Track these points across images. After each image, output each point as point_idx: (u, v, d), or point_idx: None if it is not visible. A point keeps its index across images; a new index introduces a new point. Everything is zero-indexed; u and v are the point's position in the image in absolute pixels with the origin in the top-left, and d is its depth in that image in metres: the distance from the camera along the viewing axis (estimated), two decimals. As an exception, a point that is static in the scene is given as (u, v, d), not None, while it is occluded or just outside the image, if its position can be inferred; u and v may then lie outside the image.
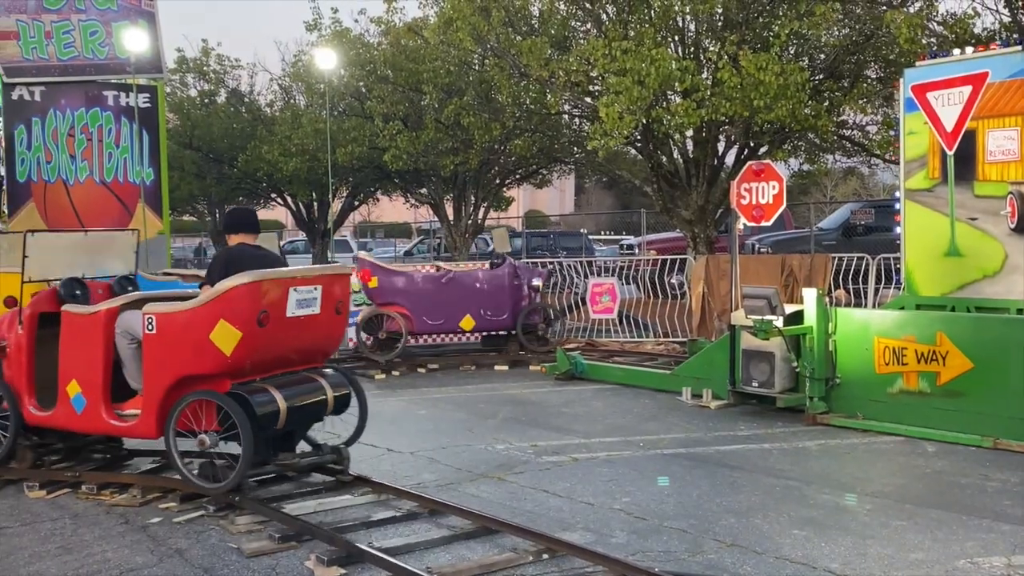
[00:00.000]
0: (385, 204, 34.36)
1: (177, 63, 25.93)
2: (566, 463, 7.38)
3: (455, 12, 15.56)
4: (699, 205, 15.26)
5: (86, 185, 15.86)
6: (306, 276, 6.53)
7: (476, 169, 20.03)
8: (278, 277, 6.31)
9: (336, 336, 7.09)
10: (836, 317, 8.74)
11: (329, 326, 6.80)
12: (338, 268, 7.36)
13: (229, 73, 26.85)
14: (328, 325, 6.77)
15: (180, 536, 5.69)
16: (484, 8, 15.21)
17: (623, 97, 12.68)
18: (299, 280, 6.41)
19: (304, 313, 6.45)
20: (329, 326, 6.80)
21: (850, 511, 6.02)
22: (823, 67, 14.63)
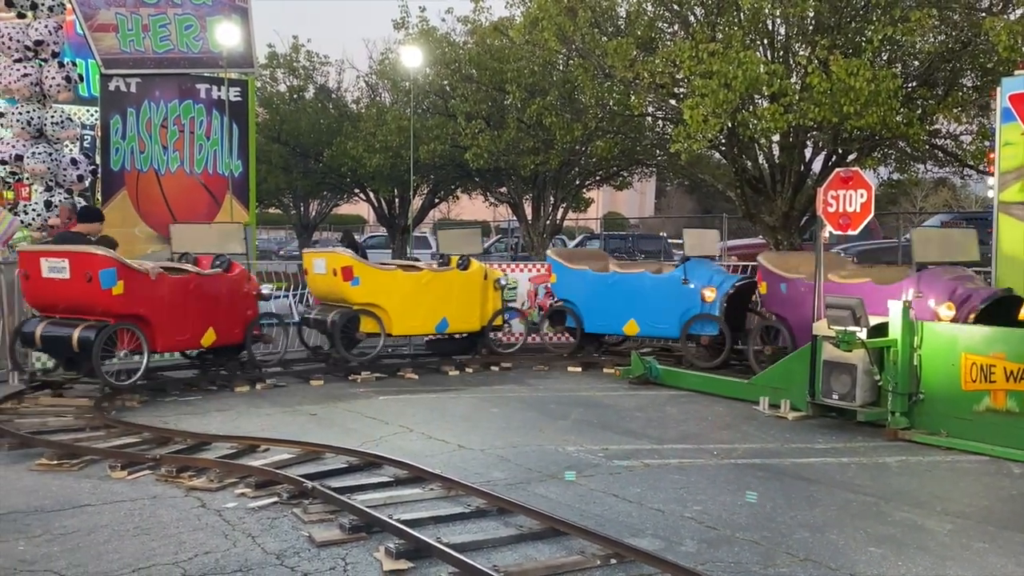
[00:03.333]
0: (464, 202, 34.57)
1: (268, 58, 26.44)
2: (637, 468, 7.31)
3: (541, 12, 15.55)
4: (784, 211, 14.98)
5: (177, 175, 16.27)
6: (55, 251, 9.97)
7: (556, 169, 19.99)
8: (32, 251, 10.20)
9: (88, 298, 9.69)
10: (922, 331, 8.49)
11: (80, 289, 9.66)
12: (80, 248, 9.97)
13: (318, 69, 27.28)
14: (78, 288, 9.66)
15: (254, 522, 5.80)
16: (571, 8, 15.16)
17: (708, 100, 12.51)
18: (48, 253, 9.90)
19: (55, 276, 9.74)
20: (80, 289, 9.66)
21: (929, 530, 5.84)
22: (916, 74, 14.22)
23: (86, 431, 8.29)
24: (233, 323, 11.31)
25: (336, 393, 10.60)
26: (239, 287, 11.52)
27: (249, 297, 11.71)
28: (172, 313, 10.43)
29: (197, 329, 10.79)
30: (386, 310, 12.28)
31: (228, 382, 10.98)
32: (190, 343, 10.93)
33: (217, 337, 11.06)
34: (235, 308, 11.38)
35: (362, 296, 12.17)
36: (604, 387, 11.30)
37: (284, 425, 8.69)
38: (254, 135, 17.61)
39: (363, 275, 12.21)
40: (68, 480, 6.76)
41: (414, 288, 12.56)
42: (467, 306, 12.95)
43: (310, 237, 32.90)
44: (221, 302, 11.13)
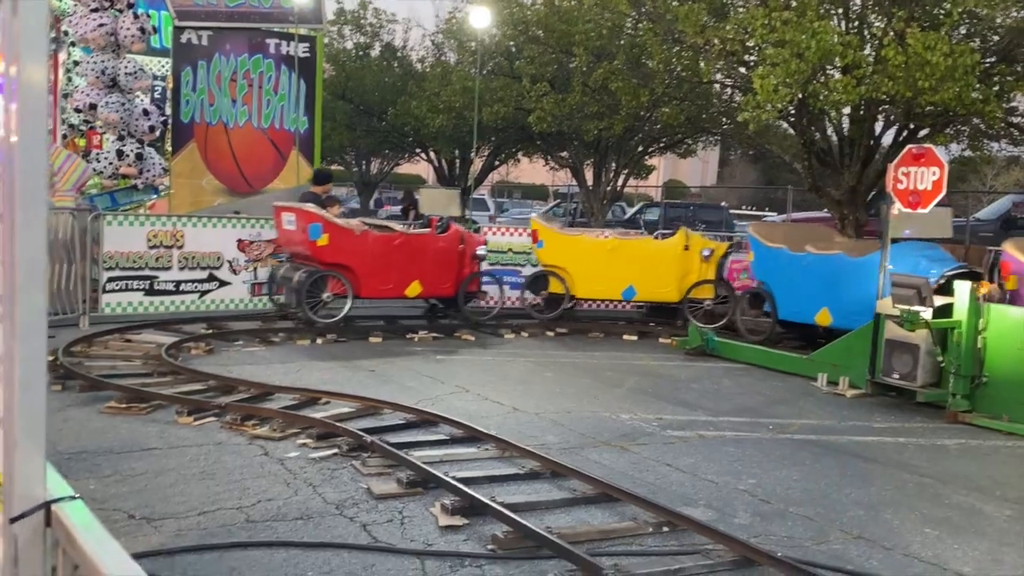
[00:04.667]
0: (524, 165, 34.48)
1: (336, 15, 26.56)
2: (691, 439, 7.33)
3: (612, -26, 15.37)
4: (851, 186, 14.70)
5: (244, 129, 16.48)
6: (290, 207, 11.72)
7: (620, 135, 19.84)
8: (277, 205, 12.03)
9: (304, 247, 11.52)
10: (988, 313, 8.33)
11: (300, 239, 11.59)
12: (300, 205, 11.59)
13: (384, 27, 27.35)
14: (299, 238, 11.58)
15: (314, 472, 5.95)
16: (642, -29, 14.97)
17: (780, 69, 12.27)
18: (286, 208, 11.69)
19: (289, 228, 11.56)
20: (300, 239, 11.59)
21: (987, 515, 5.78)
22: (996, 49, 13.79)
23: (153, 376, 8.53)
24: (443, 278, 12.42)
25: (394, 350, 10.75)
26: (451, 246, 12.51)
27: (464, 256, 12.64)
28: (375, 265, 11.79)
29: (401, 281, 12.06)
30: (570, 273, 13.12)
31: (290, 335, 11.19)
32: (393, 292, 12.16)
33: (423, 289, 12.32)
34: (446, 265, 12.44)
35: (547, 258, 13.27)
36: (660, 357, 11.30)
37: (343, 380, 8.85)
38: (321, 92, 17.74)
39: (547, 239, 13.27)
40: (136, 424, 6.98)
41: (598, 254, 13.19)
42: (661, 276, 13.12)
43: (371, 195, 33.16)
44: (428, 258, 12.27)
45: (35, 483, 1.90)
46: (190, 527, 4.90)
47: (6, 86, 1.86)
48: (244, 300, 12.83)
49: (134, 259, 11.95)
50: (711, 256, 13.21)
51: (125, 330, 10.66)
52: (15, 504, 1.90)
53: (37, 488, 1.91)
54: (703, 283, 13.20)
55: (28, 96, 1.83)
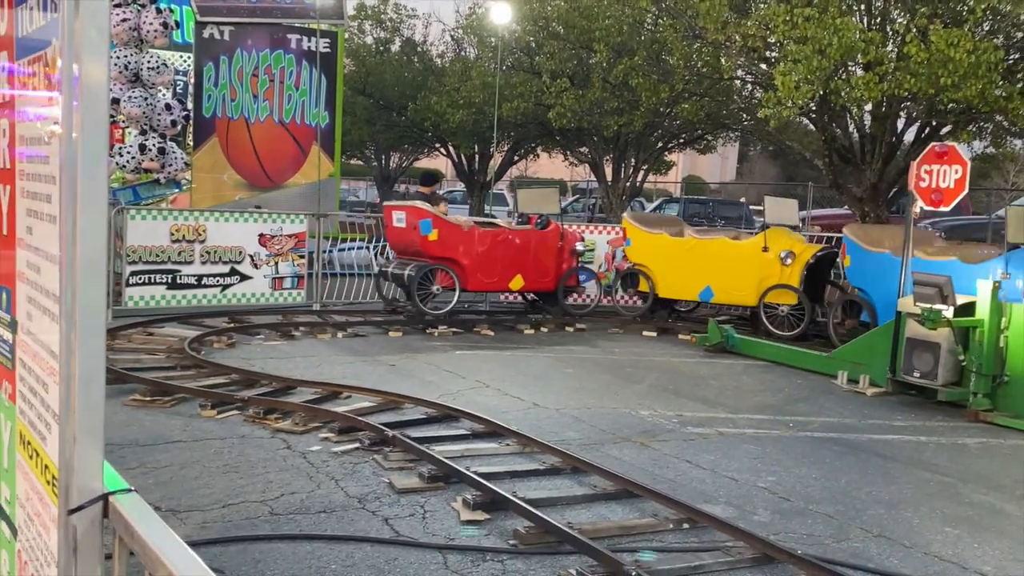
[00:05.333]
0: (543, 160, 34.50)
1: (357, 10, 26.65)
2: (711, 436, 7.34)
3: (633, -29, 15.34)
4: (872, 183, 14.65)
5: (266, 124, 16.58)
6: (398, 206, 12.72)
7: (639, 131, 19.83)
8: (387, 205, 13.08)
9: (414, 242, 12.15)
10: (1011, 312, 8.30)
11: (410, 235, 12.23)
12: (410, 203, 12.65)
13: (405, 22, 27.43)
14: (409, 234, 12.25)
15: (336, 465, 6.01)
16: (663, -33, 14.94)
17: (801, 66, 12.24)
18: (396, 207, 12.61)
19: (399, 225, 12.42)
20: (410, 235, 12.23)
21: (1008, 515, 5.77)
22: (1020, 46, 13.70)
23: (177, 370, 8.62)
24: (543, 273, 13.07)
25: (414, 345, 10.80)
26: (551, 242, 13.12)
27: (563, 252, 13.23)
28: (481, 259, 12.48)
29: (505, 275, 12.75)
30: (653, 272, 13.16)
31: (311, 329, 11.26)
32: (498, 286, 12.96)
33: (525, 283, 12.99)
34: (546, 260, 13.09)
35: (634, 256, 13.39)
36: (679, 353, 11.30)
37: (365, 374, 8.91)
38: (341, 87, 17.83)
39: (634, 237, 13.40)
40: (160, 416, 7.06)
41: (677, 253, 13.03)
42: (737, 277, 12.51)
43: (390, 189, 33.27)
44: (530, 254, 12.91)
45: (94, 476, 1.99)
46: (215, 519, 4.96)
47: (64, 84, 1.90)
48: (265, 294, 12.93)
49: (157, 253, 12.06)
50: (793, 260, 12.10)
51: (148, 323, 10.76)
52: (74, 496, 1.97)
53: (95, 481, 1.99)
54: (780, 287, 12.12)
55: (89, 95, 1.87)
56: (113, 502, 2.02)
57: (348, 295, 13.87)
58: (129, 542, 1.93)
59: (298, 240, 13.11)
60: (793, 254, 12.11)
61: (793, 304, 12.10)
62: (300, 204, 15.47)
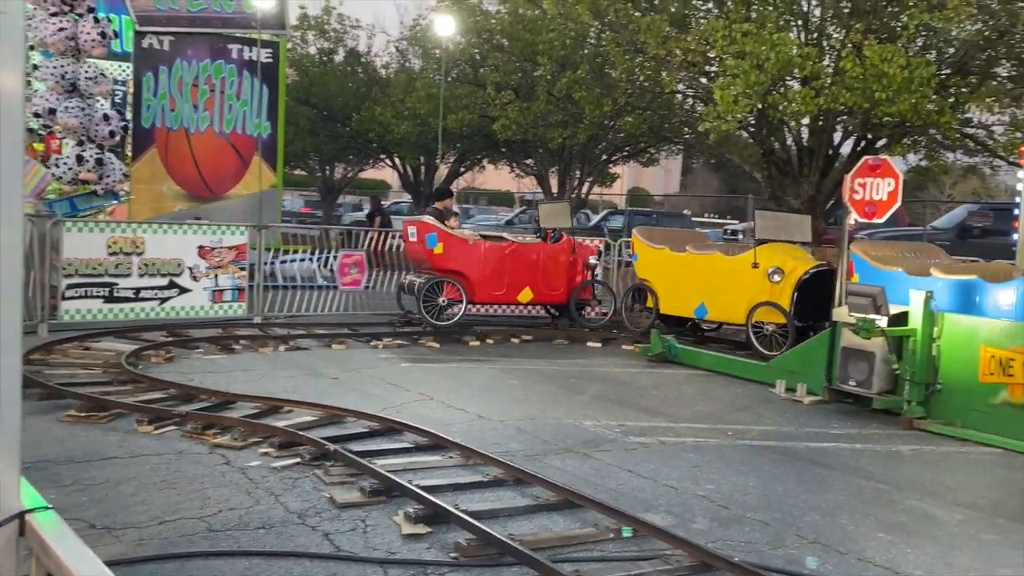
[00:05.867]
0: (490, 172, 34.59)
1: (299, 20, 26.48)
2: (653, 445, 7.41)
3: (576, -15, 15.48)
4: (809, 195, 14.95)
5: (206, 135, 16.41)
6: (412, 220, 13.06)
7: (584, 143, 19.99)
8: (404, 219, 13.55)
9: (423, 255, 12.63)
10: (942, 321, 8.51)
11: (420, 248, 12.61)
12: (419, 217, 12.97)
13: (348, 33, 27.32)
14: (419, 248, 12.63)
15: (276, 481, 5.95)
16: (605, -18, 15.10)
17: (740, 80, 12.46)
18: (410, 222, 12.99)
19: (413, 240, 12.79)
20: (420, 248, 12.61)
21: (939, 520, 5.91)
22: (951, 62, 14.10)
23: (114, 384, 8.46)
24: (553, 286, 13.24)
25: (358, 358, 10.74)
26: (562, 256, 13.33)
27: (575, 265, 13.42)
28: (488, 271, 12.72)
29: (513, 287, 12.95)
30: (655, 287, 13.04)
31: (252, 343, 11.14)
32: (505, 298, 13.14)
33: (535, 296, 13.15)
34: (556, 273, 13.27)
35: (640, 271, 13.40)
36: (623, 363, 11.39)
37: (306, 388, 8.84)
38: (284, 97, 17.71)
39: (640, 252, 13.38)
40: (96, 432, 6.92)
41: (675, 268, 12.77)
42: (729, 293, 11.91)
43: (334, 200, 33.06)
44: (540, 267, 13.10)
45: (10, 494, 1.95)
46: (151, 536, 4.88)
47: None
48: (205, 307, 12.76)
49: (94, 266, 11.85)
50: (782, 278, 11.34)
51: (84, 338, 10.56)
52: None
53: (11, 499, 1.95)
54: (766, 305, 11.36)
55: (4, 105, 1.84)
56: (30, 520, 1.97)
57: (290, 308, 13.75)
58: (45, 561, 1.90)
59: (239, 252, 12.97)
60: (782, 271, 11.35)
61: (781, 323, 11.25)
62: (241, 215, 15.32)
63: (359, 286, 14.20)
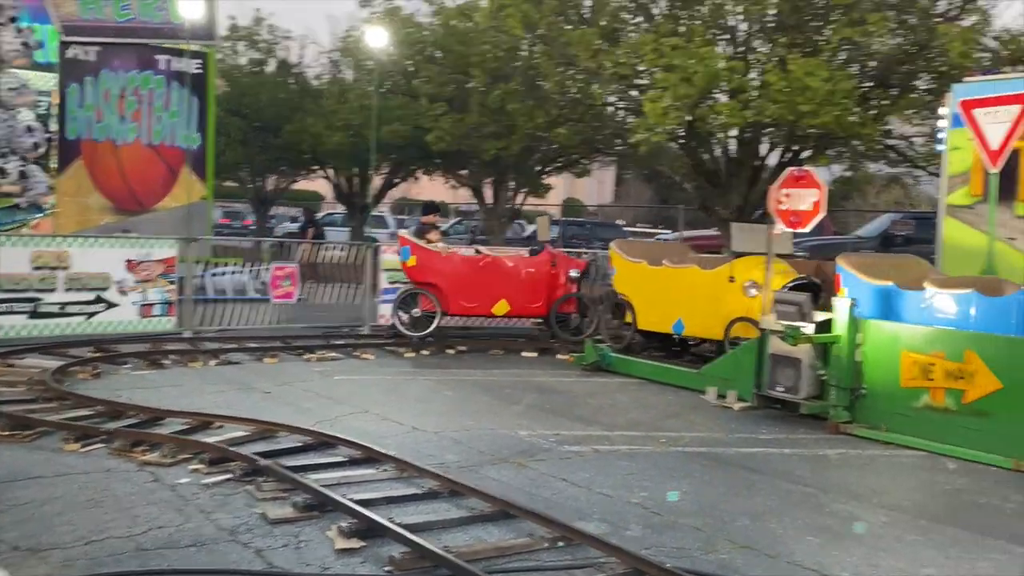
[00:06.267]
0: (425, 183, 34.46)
1: (229, 30, 26.12)
2: (587, 454, 7.48)
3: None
4: (738, 205, 15.23)
5: (134, 146, 16.12)
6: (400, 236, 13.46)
7: (517, 155, 20.05)
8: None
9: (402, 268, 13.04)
10: (866, 328, 8.74)
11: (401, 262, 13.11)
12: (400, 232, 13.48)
13: (279, 43, 27.02)
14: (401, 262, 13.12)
15: (207, 497, 5.87)
16: (536, -5, 15.22)
17: (669, 93, 12.68)
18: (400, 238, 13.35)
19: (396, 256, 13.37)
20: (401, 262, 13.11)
21: (865, 522, 6.06)
22: (872, 75, 14.51)
23: (38, 402, 8.26)
24: (531, 299, 13.13)
25: (291, 372, 10.64)
26: (541, 268, 13.21)
27: (556, 278, 13.24)
28: (460, 283, 12.77)
29: (487, 299, 12.95)
30: (633, 303, 12.53)
31: (182, 357, 10.96)
32: (480, 310, 13.15)
33: (512, 308, 13.06)
34: (535, 286, 13.13)
35: (618, 286, 12.89)
36: (558, 373, 11.46)
37: (238, 402, 8.73)
38: (213, 108, 17.49)
39: (618, 266, 12.94)
40: (20, 451, 6.76)
41: (653, 282, 12.22)
42: (704, 309, 11.51)
43: (267, 212, 32.66)
44: (517, 279, 13.05)
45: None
46: (78, 557, 4.78)
47: None
48: (133, 322, 12.51)
49: (17, 281, 11.55)
50: (759, 292, 10.69)
51: (8, 354, 10.29)
52: None
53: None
54: (742, 320, 10.95)
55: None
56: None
57: (222, 321, 13.55)
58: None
59: (168, 265, 12.76)
60: (758, 285, 10.69)
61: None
62: (170, 228, 15.07)
63: (292, 299, 14.04)
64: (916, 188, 41.01)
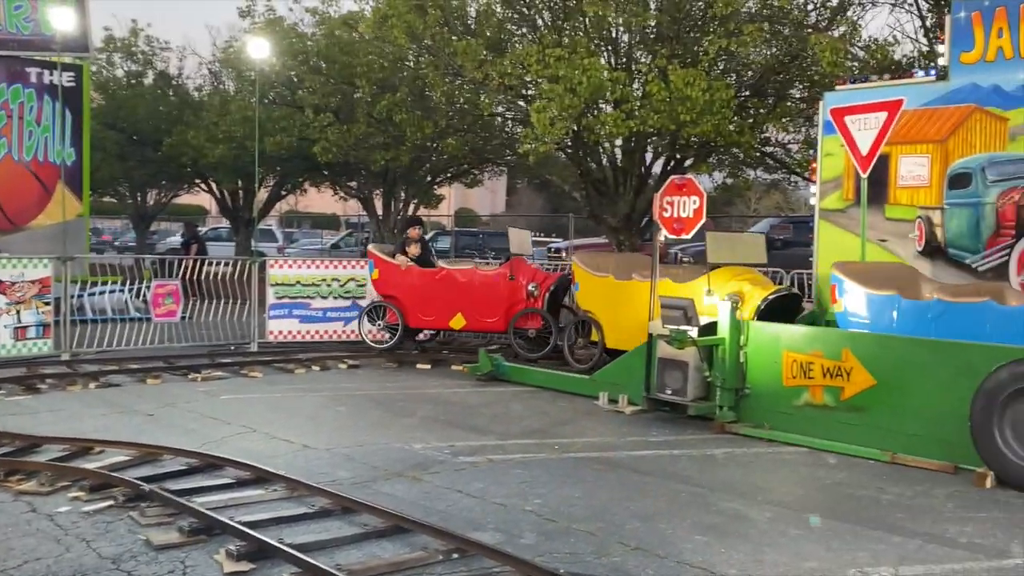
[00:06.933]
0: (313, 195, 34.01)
1: (104, 42, 25.32)
2: (481, 464, 7.49)
3: (391, 9, 15.54)
4: (625, 213, 15.52)
5: (4, 163, 15.46)
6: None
7: (407, 166, 19.99)
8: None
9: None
10: (748, 330, 9.01)
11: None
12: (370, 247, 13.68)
13: (158, 55, 26.33)
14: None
15: (88, 526, 5.65)
16: (420, 6, 15.21)
17: (555, 104, 12.84)
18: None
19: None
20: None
21: (751, 519, 6.24)
22: (749, 84, 15.00)
23: (-99, 434, 7.81)
24: (488, 313, 12.86)
25: (175, 393, 10.34)
26: (497, 282, 12.91)
27: (516, 292, 12.77)
28: (418, 297, 12.94)
29: (443, 313, 12.93)
30: (600, 320, 11.82)
31: (60, 381, 10.53)
32: (437, 324, 13.22)
33: (467, 323, 12.96)
34: (491, 300, 12.82)
35: (582, 303, 12.29)
36: (451, 384, 11.44)
37: (120, 426, 8.44)
38: (88, 122, 16.92)
39: (581, 280, 12.27)
40: None
41: (621, 297, 11.46)
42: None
43: (147, 227, 31.72)
44: (472, 293, 12.87)
45: None
46: (-54, 597, 4.54)
47: None
48: (7, 345, 11.95)
49: None
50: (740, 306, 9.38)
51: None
52: None
53: None
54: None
55: None
56: None
57: (101, 342, 13.06)
58: None
59: (43, 286, 12.24)
60: (739, 298, 9.48)
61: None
62: (45, 247, 14.46)
63: (175, 317, 13.62)
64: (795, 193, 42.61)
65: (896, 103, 9.71)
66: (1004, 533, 6.00)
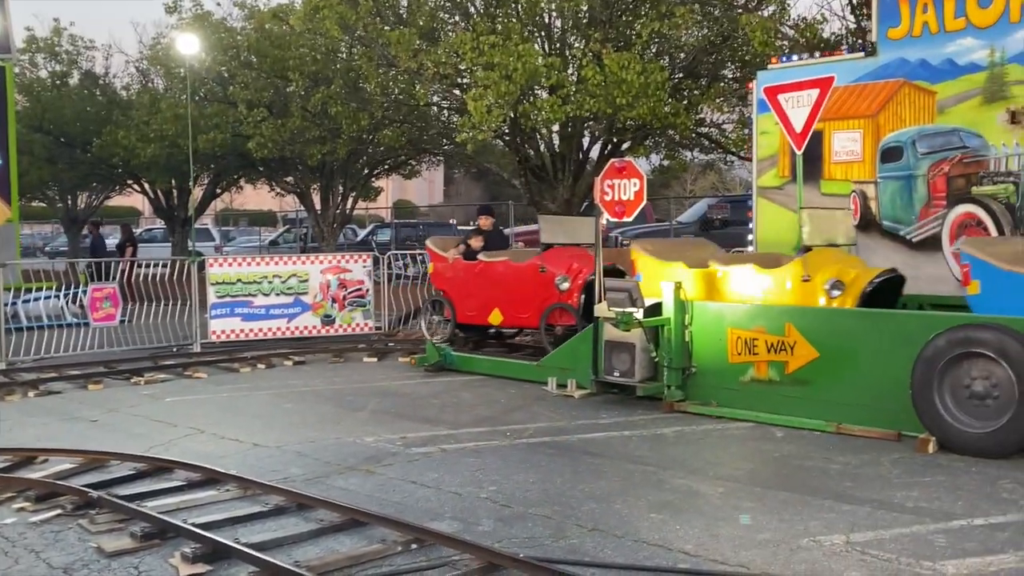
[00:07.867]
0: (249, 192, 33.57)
1: (26, 42, 24.65)
2: (435, 454, 7.48)
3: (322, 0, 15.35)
4: (565, 199, 15.58)
5: (-75, 169, 14.96)
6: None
7: (344, 159, 19.82)
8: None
9: None
10: (692, 309, 9.12)
11: None
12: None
13: (83, 54, 25.70)
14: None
15: (36, 536, 5.54)
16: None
17: (491, 91, 12.83)
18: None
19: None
20: None
21: (703, 495, 6.33)
22: (683, 66, 15.14)
23: None
24: (521, 307, 11.84)
25: (118, 397, 10.15)
26: (528, 274, 11.81)
27: (547, 285, 11.59)
28: (464, 291, 12.42)
29: (483, 308, 12.21)
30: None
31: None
32: (478, 319, 12.39)
33: (504, 318, 12.12)
34: (524, 294, 11.83)
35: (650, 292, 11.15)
36: (400, 376, 11.41)
37: (63, 434, 8.26)
38: (14, 125, 16.45)
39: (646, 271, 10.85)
40: None
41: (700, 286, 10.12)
42: None
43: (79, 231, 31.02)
44: (506, 286, 12.00)
45: None
46: None
47: None
48: (-61, 358, 11.63)
49: None
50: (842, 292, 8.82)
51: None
52: None
53: None
54: None
55: None
56: None
57: (39, 350, 12.76)
58: None
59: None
60: (842, 284, 8.80)
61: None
62: (-26, 255, 14.07)
63: (113, 321, 13.35)
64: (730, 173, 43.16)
65: (828, 80, 9.84)
66: (948, 496, 6.17)
